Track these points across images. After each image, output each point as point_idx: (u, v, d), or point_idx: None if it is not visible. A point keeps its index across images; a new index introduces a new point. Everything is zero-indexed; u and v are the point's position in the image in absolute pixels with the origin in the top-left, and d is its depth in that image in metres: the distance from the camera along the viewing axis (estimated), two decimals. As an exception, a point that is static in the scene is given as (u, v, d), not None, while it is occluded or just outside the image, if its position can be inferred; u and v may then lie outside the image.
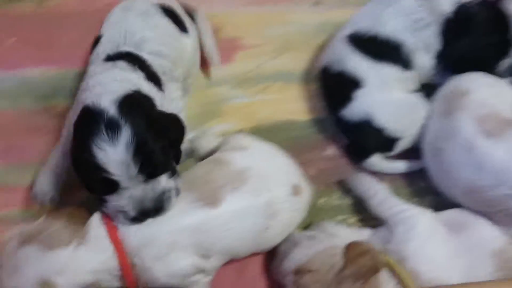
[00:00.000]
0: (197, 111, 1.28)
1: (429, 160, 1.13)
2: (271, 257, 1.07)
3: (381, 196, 1.09)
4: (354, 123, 1.16)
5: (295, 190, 1.04)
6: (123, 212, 0.89)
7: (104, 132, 0.82)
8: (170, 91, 1.08)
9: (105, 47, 1.04)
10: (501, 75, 1.15)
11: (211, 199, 0.96)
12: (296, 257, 1.00)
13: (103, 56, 1.02)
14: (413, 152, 1.20)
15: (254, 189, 0.99)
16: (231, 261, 1.07)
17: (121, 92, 0.89)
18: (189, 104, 1.27)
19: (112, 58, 1.00)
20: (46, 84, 1.29)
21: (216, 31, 1.36)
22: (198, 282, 0.99)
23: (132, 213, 0.89)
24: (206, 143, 1.15)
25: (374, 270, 0.96)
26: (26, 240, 0.93)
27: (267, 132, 1.25)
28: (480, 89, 1.10)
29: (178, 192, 0.94)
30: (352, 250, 0.98)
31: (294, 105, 1.31)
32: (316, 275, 0.96)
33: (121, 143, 0.82)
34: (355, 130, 1.17)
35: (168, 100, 1.04)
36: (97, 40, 1.08)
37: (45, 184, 1.11)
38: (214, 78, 1.33)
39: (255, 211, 0.98)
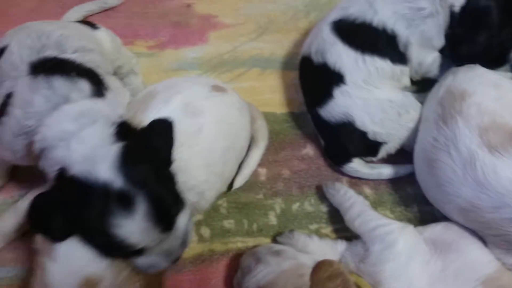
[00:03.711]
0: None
1: (420, 170, 1.00)
2: (235, 270, 0.95)
3: (358, 209, 0.97)
4: (333, 124, 1.02)
5: (215, 88, 0.97)
6: (154, 266, 0.82)
7: (117, 209, 0.72)
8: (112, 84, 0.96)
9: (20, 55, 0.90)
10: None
11: None
12: (258, 275, 0.89)
13: (23, 66, 0.87)
14: (400, 154, 1.07)
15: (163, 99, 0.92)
16: (193, 272, 0.98)
17: (110, 150, 0.76)
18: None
19: (37, 68, 0.86)
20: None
21: (187, 6, 1.21)
22: None
23: (166, 263, 0.82)
24: None
25: (343, 296, 0.85)
26: None
27: (239, 125, 1.12)
28: (480, 90, 0.95)
29: (192, 223, 0.86)
30: (321, 272, 0.87)
31: (271, 96, 1.17)
32: (278, 298, 0.86)
33: (139, 213, 0.72)
34: (334, 131, 1.03)
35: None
36: None
37: None
38: (183, 60, 1.19)
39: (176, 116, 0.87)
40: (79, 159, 0.75)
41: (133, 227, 0.72)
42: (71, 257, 0.79)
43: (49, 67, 0.87)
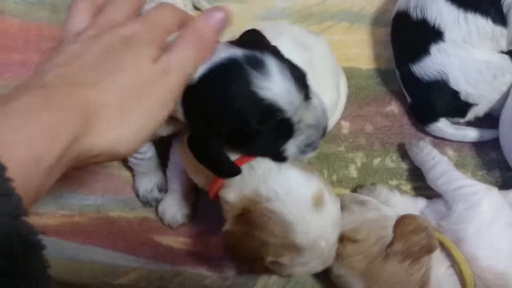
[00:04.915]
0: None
1: (507, 134, 0.99)
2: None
3: (442, 168, 0.97)
4: (425, 81, 1.01)
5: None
6: (310, 146, 0.77)
7: (253, 72, 0.68)
8: None
9: None
10: None
11: None
12: (342, 222, 0.91)
13: None
14: (486, 119, 1.06)
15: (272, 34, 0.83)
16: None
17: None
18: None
19: None
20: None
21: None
22: None
23: (318, 134, 0.77)
24: None
25: (427, 250, 0.87)
26: None
27: (324, 77, 1.12)
28: None
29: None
30: (405, 225, 0.90)
31: (357, 51, 1.16)
32: (360, 246, 0.88)
33: (274, 72, 0.69)
34: (425, 89, 1.02)
35: None
36: None
37: (176, 212, 1.05)
38: (272, 9, 1.19)
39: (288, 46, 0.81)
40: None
41: (276, 86, 0.68)
42: (290, 187, 0.78)
43: None
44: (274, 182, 0.78)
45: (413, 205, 0.99)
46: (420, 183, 1.04)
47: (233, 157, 0.78)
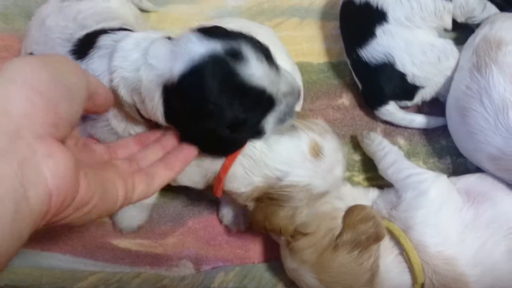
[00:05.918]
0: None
1: (452, 119, 1.00)
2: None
3: (392, 158, 0.99)
4: (373, 65, 1.02)
5: None
6: (288, 114, 0.79)
7: (238, 65, 0.71)
8: None
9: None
10: None
11: None
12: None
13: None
14: (437, 107, 1.08)
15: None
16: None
17: (187, 40, 0.75)
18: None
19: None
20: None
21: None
22: None
23: (295, 99, 0.80)
24: None
25: (375, 239, 0.88)
26: None
27: (277, 74, 1.13)
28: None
29: None
30: (353, 215, 0.91)
31: (308, 46, 1.17)
32: (311, 239, 0.89)
33: (254, 62, 0.72)
34: (373, 73, 1.03)
35: None
36: None
37: (131, 220, 1.05)
38: (224, 9, 1.20)
39: None
40: (168, 63, 0.73)
41: (255, 70, 0.72)
42: (287, 157, 0.82)
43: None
44: (272, 161, 0.82)
45: (365, 196, 1.00)
46: (372, 174, 1.06)
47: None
